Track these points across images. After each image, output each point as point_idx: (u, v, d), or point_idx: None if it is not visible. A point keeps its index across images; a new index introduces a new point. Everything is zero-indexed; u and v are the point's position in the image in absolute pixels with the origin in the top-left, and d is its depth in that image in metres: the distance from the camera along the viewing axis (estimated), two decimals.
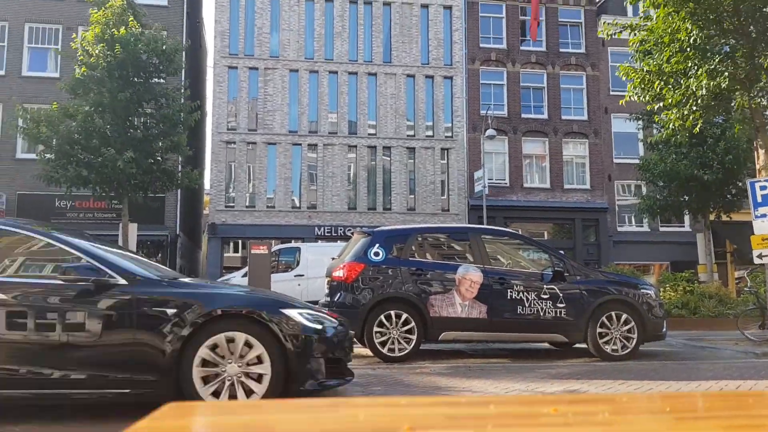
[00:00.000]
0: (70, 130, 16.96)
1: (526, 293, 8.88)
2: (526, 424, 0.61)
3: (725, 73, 12.12)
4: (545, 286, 8.93)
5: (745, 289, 19.47)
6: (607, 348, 8.84)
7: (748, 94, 13.00)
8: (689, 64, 12.67)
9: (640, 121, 23.30)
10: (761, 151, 13.11)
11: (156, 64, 18.35)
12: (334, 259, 10.55)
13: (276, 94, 28.98)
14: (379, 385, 6.73)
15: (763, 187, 12.20)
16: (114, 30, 17.36)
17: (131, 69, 17.67)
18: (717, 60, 12.28)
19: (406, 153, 29.66)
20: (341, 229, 27.60)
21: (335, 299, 9.09)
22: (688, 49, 12.56)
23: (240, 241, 29.30)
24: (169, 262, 25.36)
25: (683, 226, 29.68)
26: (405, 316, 8.78)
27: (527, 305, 8.85)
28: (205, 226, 31.70)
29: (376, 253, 9.05)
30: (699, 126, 13.72)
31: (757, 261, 12.20)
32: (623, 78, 14.62)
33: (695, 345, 11.39)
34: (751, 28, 12.79)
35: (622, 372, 7.62)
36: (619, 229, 30.26)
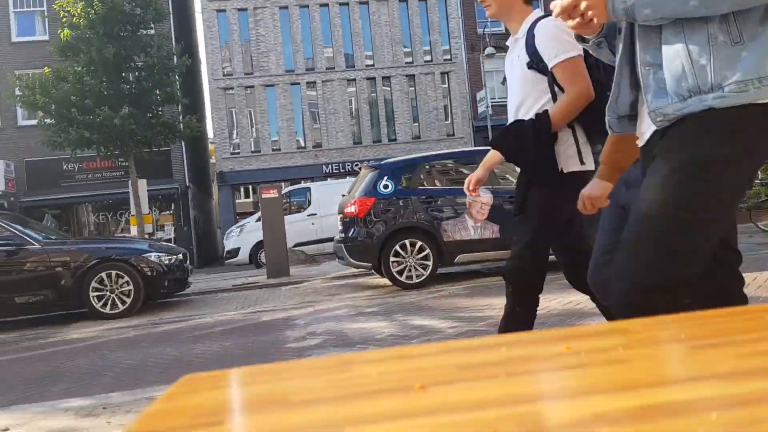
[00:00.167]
0: (66, 93, 16.81)
1: None
2: (540, 369, 0.62)
3: None
4: None
5: (756, 181, 19.39)
6: None
7: None
8: None
9: None
10: None
11: (140, 15, 17.99)
12: (344, 195, 10.59)
13: (268, 34, 28.49)
14: (400, 311, 6.86)
15: None
16: None
17: (115, 23, 17.34)
18: None
19: (406, 81, 29.30)
20: (348, 165, 27.57)
21: (349, 234, 9.19)
22: None
23: (250, 187, 29.40)
24: (182, 214, 25.53)
25: None
26: (419, 244, 8.89)
27: None
28: (213, 175, 31.76)
29: (386, 186, 9.08)
30: None
31: None
32: None
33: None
34: None
35: None
36: None
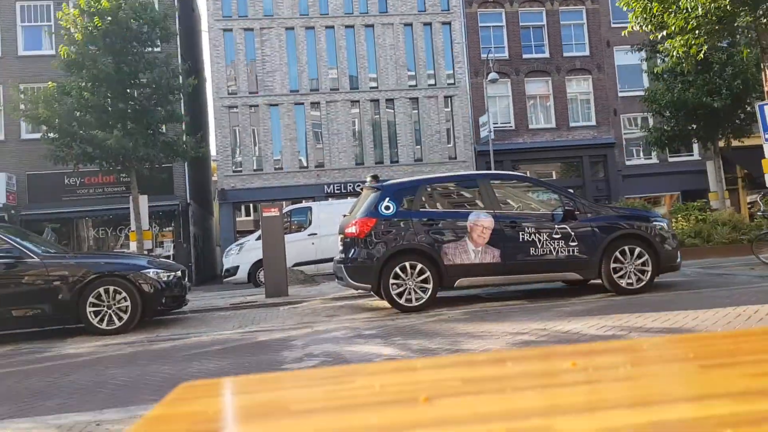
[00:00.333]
0: (69, 108, 16.85)
1: (537, 234, 8.91)
2: (545, 384, 0.60)
3: None
4: (556, 226, 8.95)
5: (758, 213, 19.39)
6: (622, 282, 8.89)
7: (753, 14, 12.73)
8: None
9: (644, 52, 22.92)
10: None
11: (147, 32, 18.08)
12: (345, 215, 10.57)
13: (274, 54, 28.66)
14: (398, 335, 6.81)
15: None
16: (96, 2, 17.04)
17: (118, 39, 17.37)
18: None
19: (410, 104, 29.41)
20: (350, 186, 27.56)
21: (350, 255, 9.16)
22: None
23: (251, 205, 29.36)
24: (182, 231, 25.50)
25: (692, 155, 29.45)
26: (420, 267, 8.85)
27: (540, 246, 8.89)
28: (215, 193, 31.75)
29: (387, 207, 9.06)
30: (704, 52, 13.48)
31: None
32: (624, 8, 14.36)
33: (711, 273, 11.41)
34: None
35: (638, 305, 7.66)
36: (628, 163, 30.06)
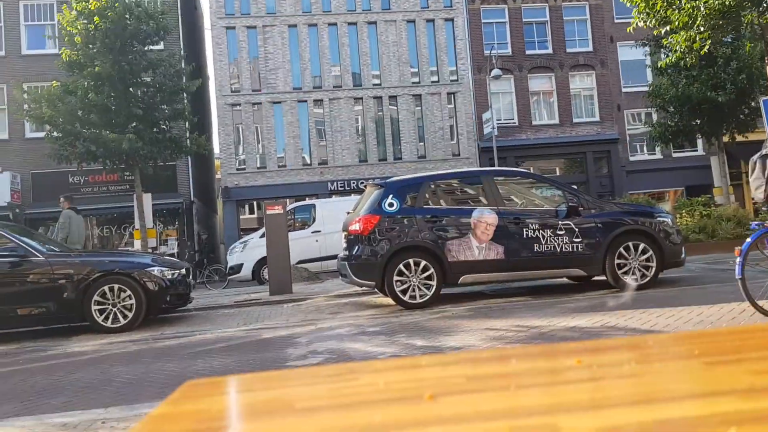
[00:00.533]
0: (72, 107, 16.87)
1: (541, 231, 8.90)
2: (550, 382, 0.60)
3: None
4: (560, 222, 8.94)
5: (764, 208, 19.32)
6: (626, 278, 8.87)
7: (757, 9, 12.69)
8: None
9: (648, 48, 22.85)
10: None
11: (147, 31, 18.05)
12: (349, 213, 10.57)
13: (276, 52, 28.65)
14: (403, 332, 6.81)
15: None
16: (85, 3, 17.00)
17: (117, 38, 17.34)
18: None
19: (413, 100, 29.38)
20: (354, 183, 27.58)
21: (353, 252, 9.16)
22: None
23: (255, 203, 29.39)
24: (186, 229, 25.54)
25: (696, 151, 29.38)
26: (423, 263, 8.84)
27: (543, 242, 8.88)
28: (218, 191, 31.78)
29: (391, 204, 9.06)
30: (707, 47, 13.45)
31: None
32: (627, 4, 14.32)
33: (715, 268, 11.38)
34: None
35: (642, 301, 7.65)
36: (631, 158, 30.01)
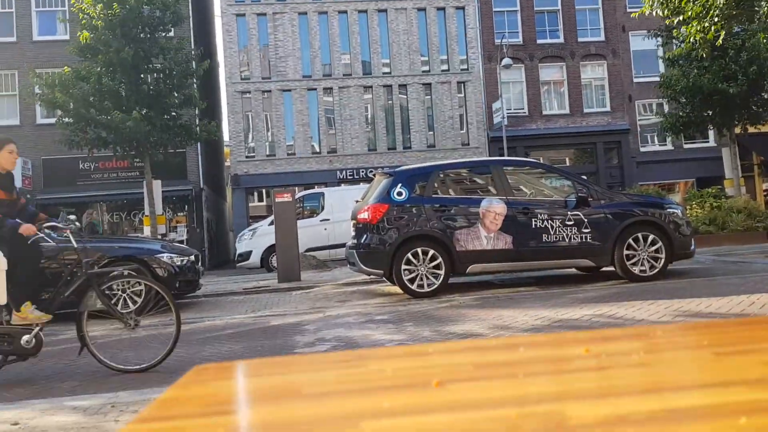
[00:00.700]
0: (85, 93, 16.92)
1: (550, 221, 8.88)
2: (558, 370, 0.60)
3: None
4: (569, 213, 8.92)
5: None
6: (635, 269, 8.86)
7: None
8: None
9: (660, 38, 22.67)
10: None
11: (159, 17, 18.10)
12: (357, 201, 10.58)
13: (287, 39, 28.59)
14: (410, 320, 6.83)
15: None
16: None
17: (133, 25, 17.45)
18: None
19: (423, 89, 29.29)
20: (363, 171, 27.56)
21: (362, 241, 9.17)
22: None
23: (264, 190, 29.44)
24: (195, 216, 25.62)
25: (708, 142, 29.19)
26: (432, 253, 8.85)
27: (552, 233, 8.86)
28: (228, 178, 31.83)
29: (399, 193, 9.06)
30: (721, 37, 13.33)
31: None
32: None
33: (725, 260, 11.34)
34: None
35: (651, 292, 7.63)
36: (642, 149, 29.85)
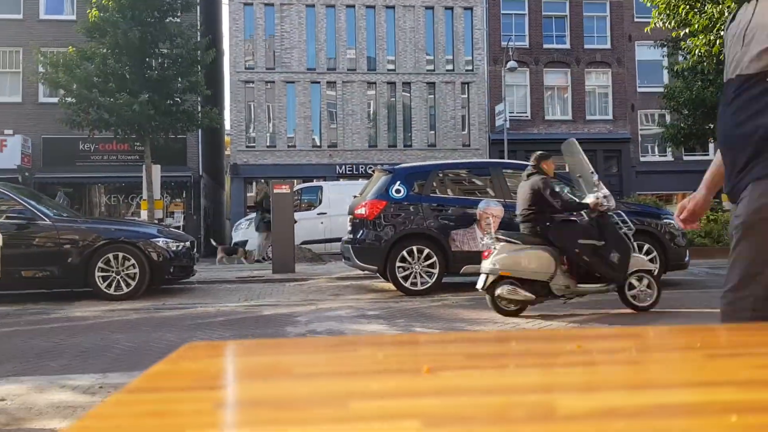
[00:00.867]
0: (88, 74, 16.89)
1: None
2: (548, 363, 0.60)
3: None
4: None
5: None
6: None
7: None
8: None
9: (665, 48, 22.67)
10: None
11: (169, 2, 18.11)
12: (355, 197, 10.57)
13: (293, 31, 28.54)
14: (402, 317, 6.84)
15: None
16: None
17: (143, 8, 17.45)
18: None
19: (426, 88, 29.27)
20: (362, 167, 27.53)
21: (358, 236, 9.17)
22: None
23: (262, 181, 29.43)
24: (193, 203, 25.59)
25: (708, 155, 29.18)
26: (427, 251, 8.86)
27: None
28: (227, 167, 31.80)
29: (398, 191, 9.06)
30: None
31: None
32: (648, 4, 14.21)
33: (719, 273, 11.35)
34: None
35: None
36: (642, 159, 29.88)
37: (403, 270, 8.86)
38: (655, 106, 27.97)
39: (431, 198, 9.16)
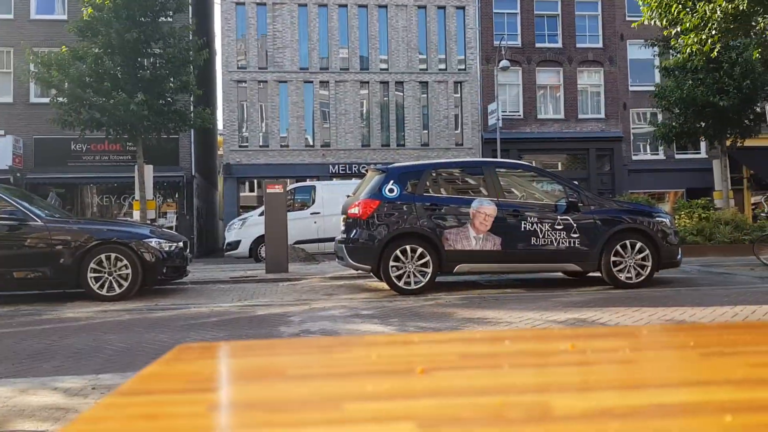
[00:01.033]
0: (81, 73, 16.83)
1: (540, 224, 8.91)
2: (542, 363, 0.60)
3: None
4: (559, 217, 8.94)
5: (762, 214, 19.36)
6: (621, 276, 8.90)
7: None
8: None
9: (657, 48, 22.75)
10: None
11: (162, 2, 18.06)
12: (349, 196, 10.56)
13: (285, 31, 28.50)
14: (396, 316, 6.84)
15: None
16: None
17: (137, 8, 17.41)
18: None
19: (419, 87, 29.28)
20: (355, 167, 27.53)
21: (351, 235, 9.16)
22: None
23: (255, 181, 29.38)
24: (186, 203, 25.54)
25: (699, 153, 29.34)
26: (420, 250, 8.86)
27: (541, 236, 8.89)
28: (220, 167, 31.73)
29: (391, 190, 9.06)
30: (717, 49, 13.39)
31: None
32: (640, 3, 14.25)
33: (711, 271, 11.41)
34: None
35: (636, 299, 7.67)
36: (634, 157, 29.97)
37: (397, 269, 8.86)
38: (647, 104, 28.08)
39: (424, 197, 9.16)
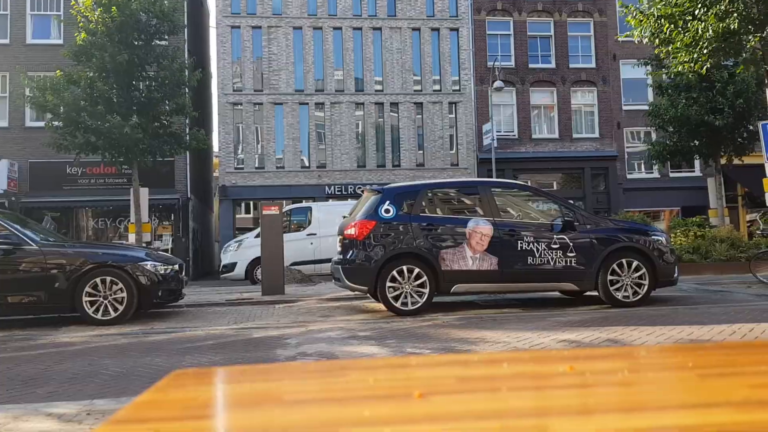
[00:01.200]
0: (76, 97, 16.89)
1: (536, 244, 8.90)
2: (541, 386, 0.60)
3: (734, 14, 11.87)
4: (555, 236, 8.95)
5: (758, 231, 19.42)
6: (618, 295, 8.89)
7: (760, 35, 12.74)
8: (697, 4, 12.41)
9: (649, 66, 22.92)
10: None
11: (156, 25, 18.17)
12: (345, 217, 10.56)
13: (280, 53, 28.66)
14: (393, 338, 6.80)
15: None
16: None
17: (131, 31, 17.50)
18: (726, 0, 12.00)
19: (414, 108, 29.40)
20: (351, 188, 27.55)
21: (347, 256, 9.14)
22: None
23: (251, 202, 29.34)
24: (181, 225, 25.49)
25: (694, 171, 29.44)
26: (417, 271, 8.84)
27: (537, 256, 8.88)
28: (215, 189, 31.72)
29: (387, 210, 9.06)
30: (707, 67, 13.49)
31: None
32: (632, 24, 14.37)
33: (707, 289, 11.40)
34: None
35: (634, 318, 7.66)
36: (629, 176, 30.07)
37: (394, 290, 8.83)
38: (640, 123, 28.22)
39: (421, 217, 9.16)
